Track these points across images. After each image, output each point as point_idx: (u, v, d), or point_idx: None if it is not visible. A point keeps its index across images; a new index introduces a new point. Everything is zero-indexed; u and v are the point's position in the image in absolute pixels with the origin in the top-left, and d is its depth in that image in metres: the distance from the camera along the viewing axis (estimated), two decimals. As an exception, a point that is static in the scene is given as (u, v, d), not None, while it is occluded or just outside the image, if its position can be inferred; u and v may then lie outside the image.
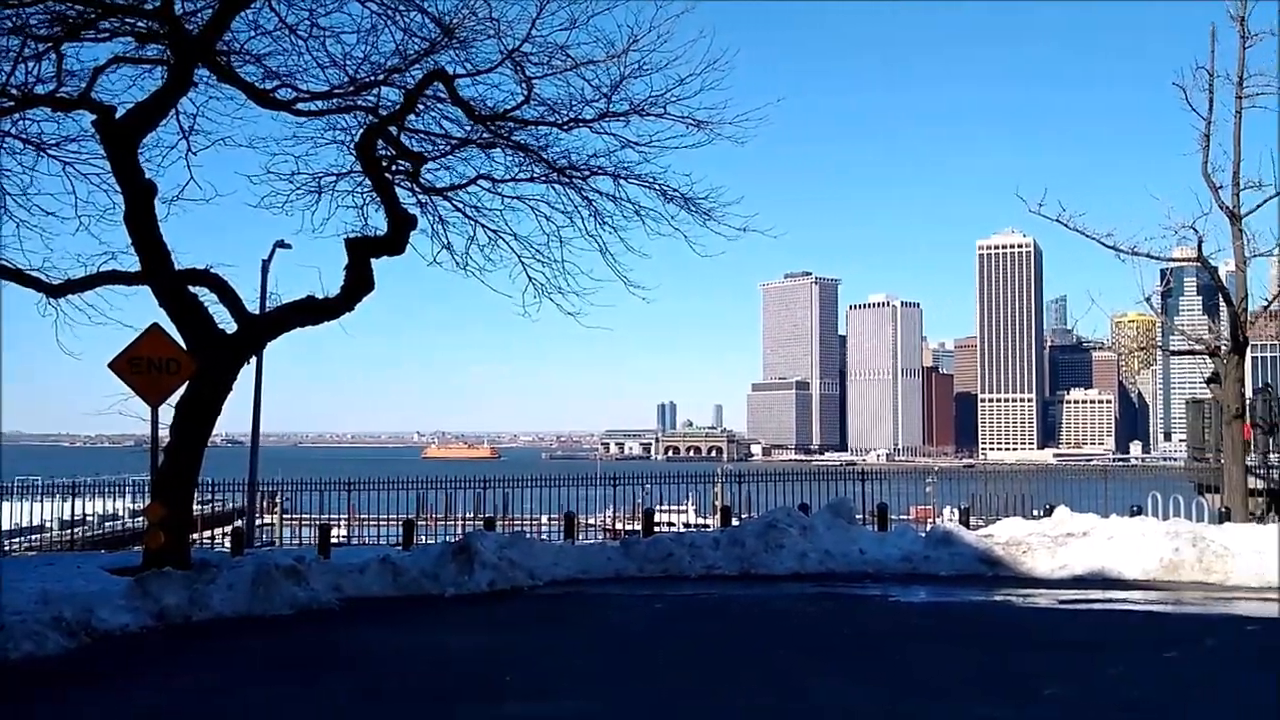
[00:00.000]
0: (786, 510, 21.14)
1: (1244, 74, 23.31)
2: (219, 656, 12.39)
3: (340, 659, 12.15)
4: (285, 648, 12.93)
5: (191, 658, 12.40)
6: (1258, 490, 24.85)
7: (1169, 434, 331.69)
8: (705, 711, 9.60)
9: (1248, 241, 23.68)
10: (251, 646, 13.01)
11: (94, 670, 11.58)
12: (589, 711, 9.64)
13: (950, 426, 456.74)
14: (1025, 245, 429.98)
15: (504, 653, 12.35)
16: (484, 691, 10.30)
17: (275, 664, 11.99)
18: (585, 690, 10.39)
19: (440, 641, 13.25)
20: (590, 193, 19.88)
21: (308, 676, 11.27)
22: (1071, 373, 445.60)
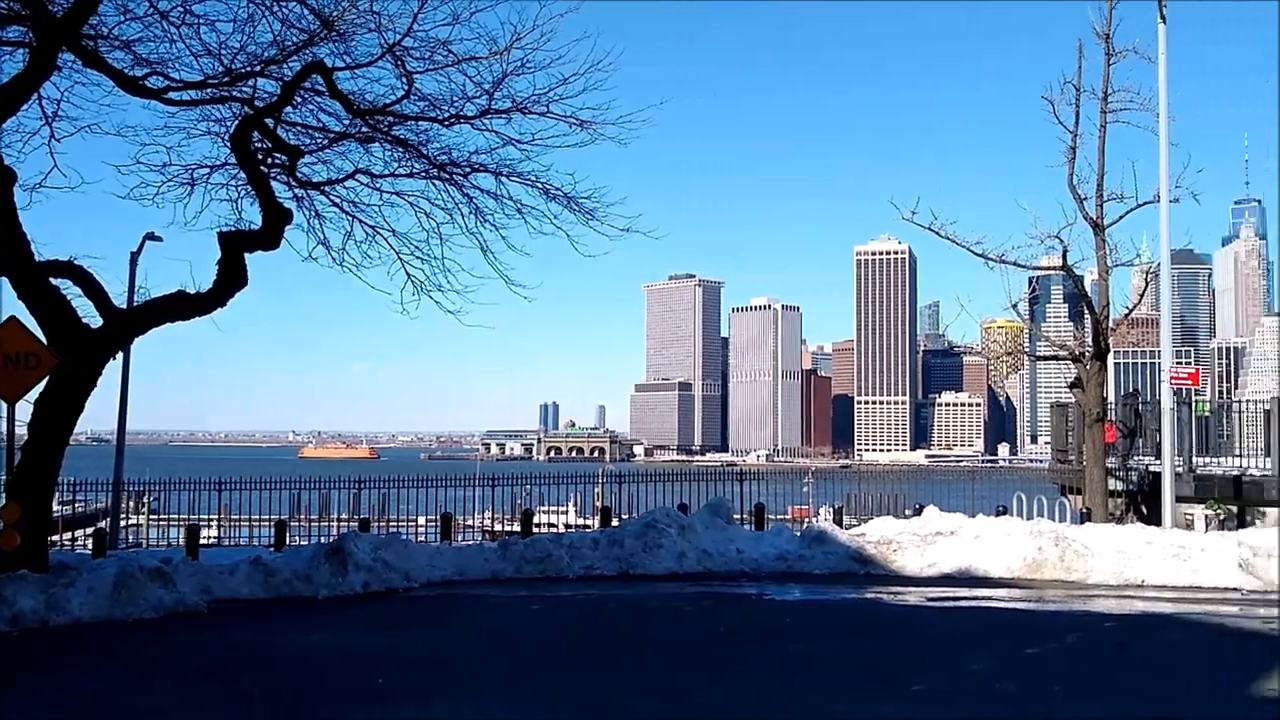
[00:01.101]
0: (666, 510, 21.26)
1: (1109, 89, 24.31)
2: (81, 663, 11.96)
3: (209, 664, 11.83)
4: (151, 653, 12.53)
5: (54, 665, 11.94)
6: (1117, 492, 25.82)
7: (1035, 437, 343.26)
8: (581, 711, 9.61)
9: (1110, 251, 24.66)
10: (116, 652, 12.59)
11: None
12: (463, 714, 9.56)
13: (828, 428, 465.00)
14: (900, 252, 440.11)
15: (377, 655, 12.16)
16: (357, 694, 10.14)
17: (143, 669, 11.62)
18: (460, 692, 10.30)
19: (313, 644, 13.00)
20: (471, 190, 19.70)
21: (175, 683, 10.94)
22: (943, 376, 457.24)
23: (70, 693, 10.50)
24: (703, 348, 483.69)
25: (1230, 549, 18.34)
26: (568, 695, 10.12)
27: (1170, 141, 22.17)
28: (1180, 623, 14.40)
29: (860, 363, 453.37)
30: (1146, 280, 28.65)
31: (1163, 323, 23.70)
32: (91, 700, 10.17)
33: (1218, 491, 24.15)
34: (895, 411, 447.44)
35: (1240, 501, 23.96)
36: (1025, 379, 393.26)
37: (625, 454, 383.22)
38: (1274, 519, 23.32)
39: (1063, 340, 29.52)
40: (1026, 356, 31.99)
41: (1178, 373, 22.83)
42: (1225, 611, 15.11)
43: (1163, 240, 22.78)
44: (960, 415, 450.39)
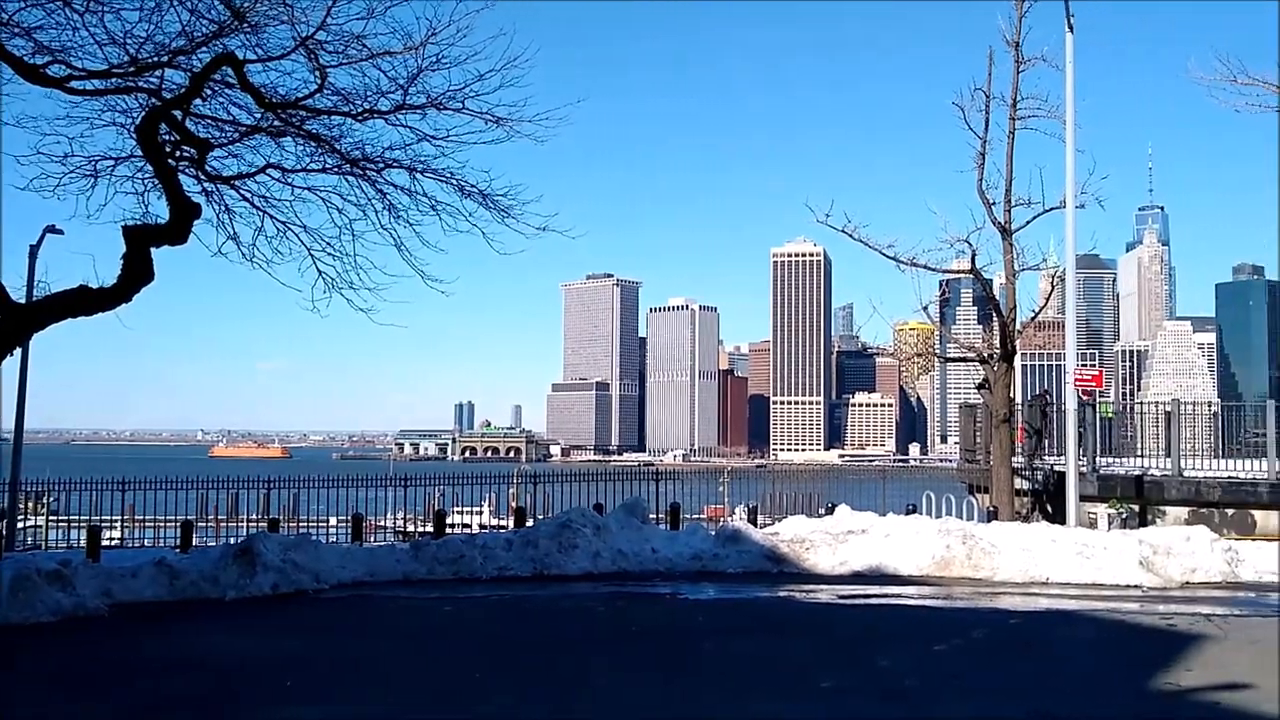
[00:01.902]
0: (581, 510, 21.24)
1: (1017, 96, 24.77)
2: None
3: (108, 670, 11.53)
4: (47, 659, 12.17)
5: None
6: (1024, 491, 26.37)
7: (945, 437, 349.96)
8: (491, 712, 9.54)
9: (1017, 256, 25.16)
10: (10, 659, 12.21)
11: None
12: (370, 715, 9.45)
13: (744, 428, 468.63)
14: (816, 254, 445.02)
15: (285, 657, 11.97)
16: (263, 697, 9.97)
17: (38, 677, 11.27)
18: (368, 694, 10.16)
19: (219, 647, 12.73)
20: (385, 185, 19.39)
21: (72, 691, 10.64)
22: (857, 377, 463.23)
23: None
24: (620, 348, 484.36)
25: (1131, 547, 18.84)
26: (477, 697, 10.04)
27: (1077, 148, 22.71)
28: (1083, 619, 14.74)
29: (776, 363, 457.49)
30: (1053, 284, 29.22)
31: (1067, 326, 24.21)
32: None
33: (1120, 491, 24.79)
34: (810, 412, 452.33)
35: (1141, 500, 24.63)
36: (936, 380, 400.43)
37: (542, 454, 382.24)
38: (1174, 518, 24.04)
39: (971, 342, 30.07)
40: (937, 358, 32.46)
41: (1082, 375, 23.39)
42: (1126, 608, 15.51)
43: (1068, 245, 23.31)
44: (873, 415, 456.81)
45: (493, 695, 10.07)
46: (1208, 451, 28.54)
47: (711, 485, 43.95)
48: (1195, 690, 10.20)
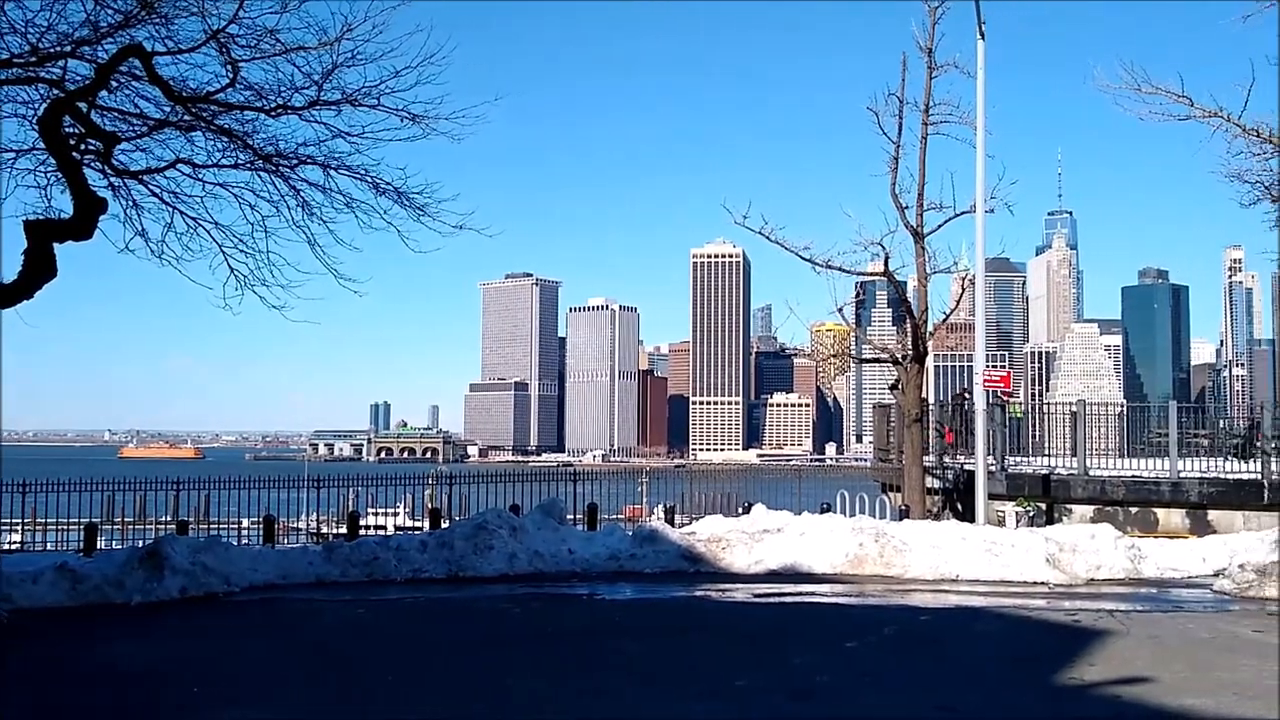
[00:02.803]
0: (497, 511, 21.12)
1: (930, 102, 25.16)
2: None
3: (10, 677, 11.17)
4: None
5: None
6: (935, 489, 26.83)
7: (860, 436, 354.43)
8: (402, 718, 9.45)
9: (930, 259, 25.56)
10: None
11: None
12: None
13: (664, 428, 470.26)
14: (735, 255, 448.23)
15: (192, 663, 11.72)
16: (168, 706, 9.75)
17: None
18: (277, 699, 10.01)
19: (122, 653, 12.42)
20: (298, 182, 19.08)
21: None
22: (775, 377, 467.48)
23: None
24: (539, 347, 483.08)
25: (1038, 544, 19.26)
26: (390, 701, 9.93)
27: (987, 154, 23.08)
28: (991, 615, 15.04)
29: (696, 364, 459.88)
30: (963, 287, 29.80)
31: (977, 328, 24.73)
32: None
33: (1028, 489, 25.35)
34: (729, 411, 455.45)
35: (1049, 499, 25.20)
36: (851, 381, 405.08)
37: (459, 455, 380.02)
38: (1079, 516, 24.64)
39: (885, 344, 30.49)
40: (852, 359, 32.88)
41: (990, 376, 23.85)
42: (1033, 605, 15.85)
43: (978, 249, 23.73)
44: (791, 415, 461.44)
45: (405, 699, 9.97)
46: (1113, 451, 29.26)
47: (630, 485, 44.03)
48: (1098, 684, 10.46)
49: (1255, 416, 32.41)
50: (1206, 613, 15.42)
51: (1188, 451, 27.41)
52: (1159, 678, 10.60)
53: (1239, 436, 31.14)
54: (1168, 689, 10.14)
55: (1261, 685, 10.36)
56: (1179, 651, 12.13)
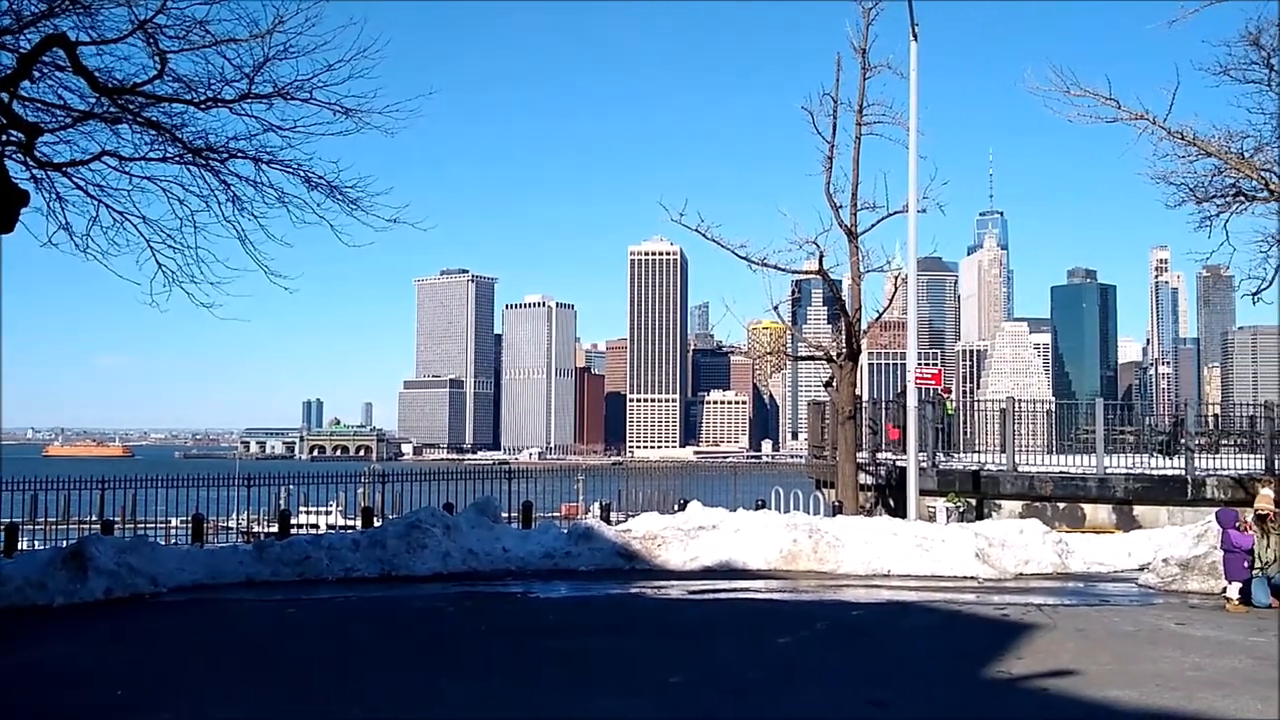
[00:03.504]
0: (431, 510, 20.95)
1: (864, 103, 25.37)
2: None
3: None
4: None
5: None
6: (867, 485, 27.10)
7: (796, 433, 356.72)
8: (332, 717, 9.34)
9: (863, 257, 25.79)
10: None
11: None
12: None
13: (601, 425, 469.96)
14: (672, 253, 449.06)
15: (115, 666, 11.50)
16: (90, 710, 9.54)
17: None
18: (205, 703, 9.84)
19: (44, 656, 12.16)
20: (229, 176, 18.79)
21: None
22: (712, 375, 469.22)
23: None
24: (475, 344, 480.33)
25: (968, 540, 19.54)
26: (321, 702, 9.82)
27: (920, 154, 23.32)
28: (922, 610, 15.22)
29: (633, 361, 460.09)
30: (897, 285, 30.12)
31: (909, 326, 24.95)
32: None
33: (958, 485, 25.68)
34: (666, 409, 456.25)
35: (978, 495, 25.55)
36: (787, 378, 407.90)
37: (393, 453, 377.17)
38: (1009, 511, 25.01)
39: (820, 341, 30.73)
40: (788, 357, 33.11)
41: (922, 373, 24.10)
42: (963, 599, 16.07)
43: (910, 248, 23.99)
44: (727, 413, 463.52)
45: (337, 700, 9.87)
46: (1042, 447, 29.74)
47: (567, 483, 43.94)
48: (1026, 678, 10.62)
49: (1180, 414, 33.15)
50: (1131, 606, 15.74)
51: (1114, 448, 27.93)
52: (1085, 670, 10.79)
53: (1164, 434, 31.79)
54: (1093, 681, 10.33)
55: (1183, 677, 10.59)
56: (1104, 644, 12.36)
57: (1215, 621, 14.19)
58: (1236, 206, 22.07)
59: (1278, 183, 20.70)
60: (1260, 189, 20.91)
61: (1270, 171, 20.86)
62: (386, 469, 40.83)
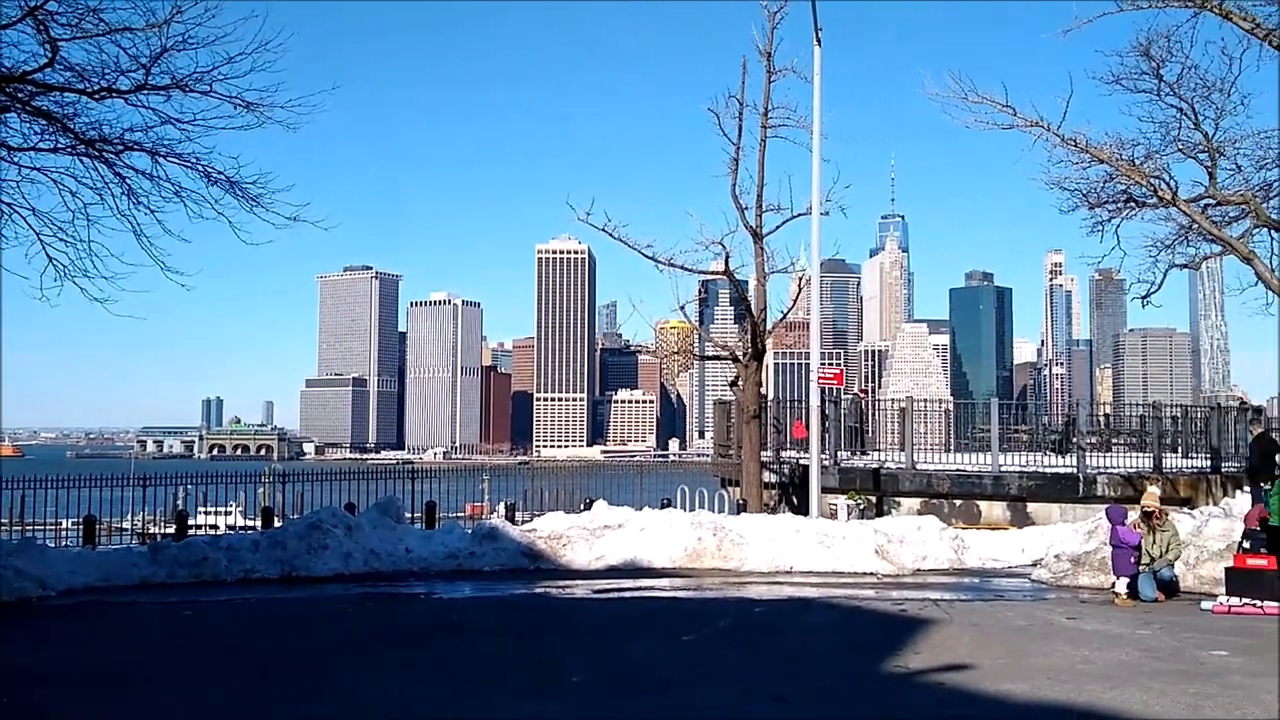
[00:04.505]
0: (332, 510, 20.68)
1: (769, 106, 25.61)
2: None
3: None
4: None
5: None
6: (771, 484, 27.40)
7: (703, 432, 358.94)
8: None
9: (768, 259, 26.05)
10: None
11: None
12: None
13: (507, 424, 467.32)
14: (581, 252, 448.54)
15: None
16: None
17: None
18: (92, 711, 9.57)
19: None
20: (124, 169, 18.33)
21: None
22: (620, 374, 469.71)
23: None
24: (379, 342, 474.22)
25: (868, 536, 19.90)
26: (215, 707, 9.61)
27: (823, 158, 23.62)
28: (822, 606, 15.45)
29: (540, 360, 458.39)
30: (801, 287, 30.49)
31: (812, 326, 25.30)
32: None
33: (859, 483, 26.13)
34: (573, 408, 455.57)
35: (878, 492, 26.03)
36: (695, 378, 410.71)
37: (295, 452, 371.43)
38: (907, 508, 25.51)
39: (726, 341, 30.97)
40: (695, 356, 33.33)
41: (824, 373, 24.45)
42: (863, 595, 16.36)
43: (814, 250, 24.31)
44: (635, 412, 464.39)
45: (232, 704, 9.67)
46: (940, 446, 30.37)
47: (472, 483, 43.62)
48: (923, 672, 10.84)
49: (1072, 413, 34.14)
50: (1025, 601, 16.17)
51: (1009, 447, 28.67)
52: (979, 664, 11.05)
53: (1056, 432, 32.72)
54: (987, 675, 10.59)
55: (1073, 670, 10.90)
56: (998, 639, 12.67)
57: (1104, 616, 14.64)
58: (1127, 212, 22.82)
59: (1167, 189, 21.39)
60: (1150, 195, 21.62)
61: (1159, 178, 21.58)
62: (288, 468, 40.09)
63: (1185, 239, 23.90)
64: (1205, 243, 23.51)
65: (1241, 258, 21.14)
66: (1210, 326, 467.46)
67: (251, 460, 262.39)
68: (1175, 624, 13.93)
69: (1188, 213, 21.65)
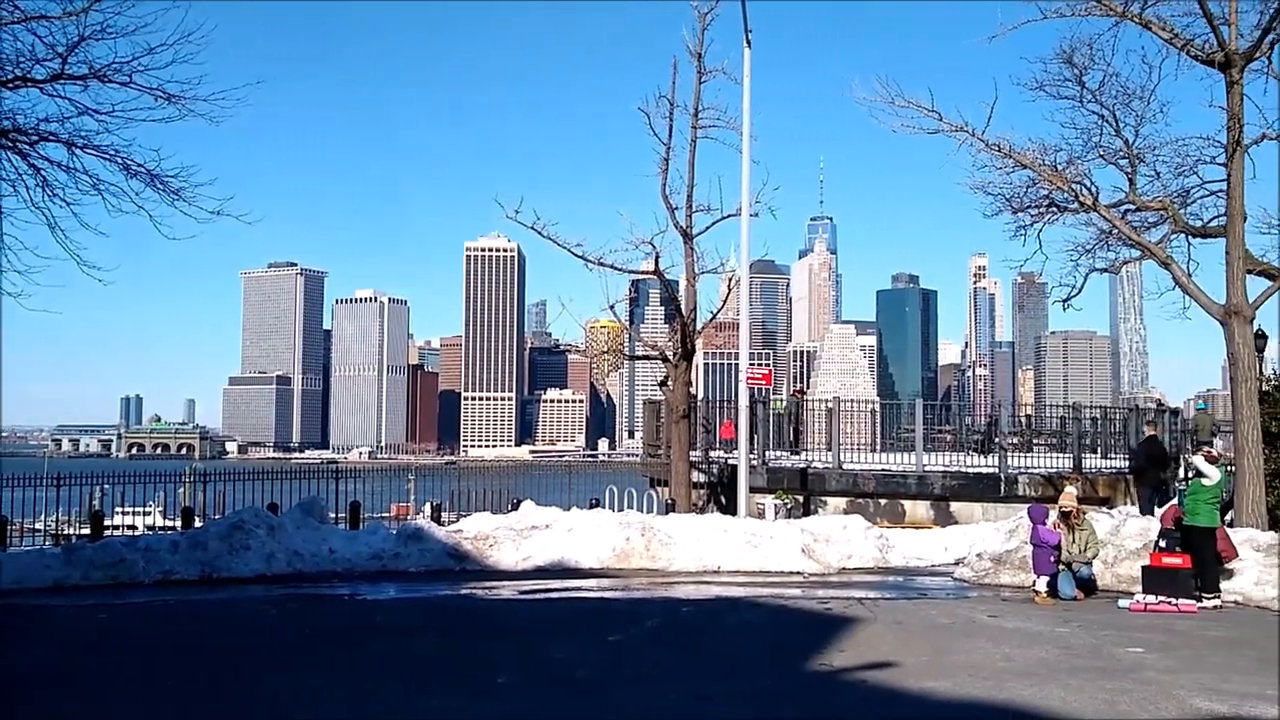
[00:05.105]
0: (254, 510, 20.33)
1: (699, 106, 25.64)
2: None
3: None
4: None
5: None
6: (700, 483, 27.46)
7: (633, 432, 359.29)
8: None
9: (698, 259, 26.08)
10: None
11: None
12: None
13: (434, 424, 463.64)
14: (510, 250, 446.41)
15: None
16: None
17: None
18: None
19: None
20: (39, 160, 17.83)
21: None
22: (549, 373, 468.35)
23: None
24: (304, 340, 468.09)
25: (795, 535, 20.02)
26: (130, 713, 9.38)
27: (753, 159, 23.72)
28: (749, 605, 15.51)
29: (468, 359, 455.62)
30: (730, 287, 30.57)
31: (741, 327, 25.35)
32: None
33: (787, 482, 26.29)
34: (502, 408, 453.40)
35: (805, 492, 26.21)
36: (625, 377, 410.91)
37: (217, 451, 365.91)
38: (834, 507, 25.73)
39: (656, 341, 30.98)
40: (625, 356, 33.29)
41: (753, 373, 24.57)
42: (789, 593, 16.45)
43: (743, 251, 24.40)
44: (564, 411, 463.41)
45: (147, 711, 9.44)
46: (866, 446, 30.68)
47: (398, 483, 43.17)
48: (847, 670, 10.93)
49: (994, 414, 34.75)
50: (947, 599, 16.37)
51: (933, 447, 29.05)
52: (902, 662, 11.16)
53: (979, 433, 33.28)
54: (910, 673, 10.69)
55: (994, 668, 11.06)
56: (921, 636, 12.82)
57: (1025, 614, 14.87)
58: (1049, 217, 23.16)
59: (1088, 195, 21.78)
60: (1071, 201, 21.96)
61: (1081, 184, 21.93)
62: (209, 468, 39.42)
63: (1106, 244, 24.34)
64: (1125, 247, 23.94)
65: (1159, 262, 21.56)
66: (1129, 330, 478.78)
67: (172, 459, 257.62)
68: (1093, 622, 14.19)
69: (1108, 218, 22.03)
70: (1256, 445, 18.69)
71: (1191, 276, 21.54)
